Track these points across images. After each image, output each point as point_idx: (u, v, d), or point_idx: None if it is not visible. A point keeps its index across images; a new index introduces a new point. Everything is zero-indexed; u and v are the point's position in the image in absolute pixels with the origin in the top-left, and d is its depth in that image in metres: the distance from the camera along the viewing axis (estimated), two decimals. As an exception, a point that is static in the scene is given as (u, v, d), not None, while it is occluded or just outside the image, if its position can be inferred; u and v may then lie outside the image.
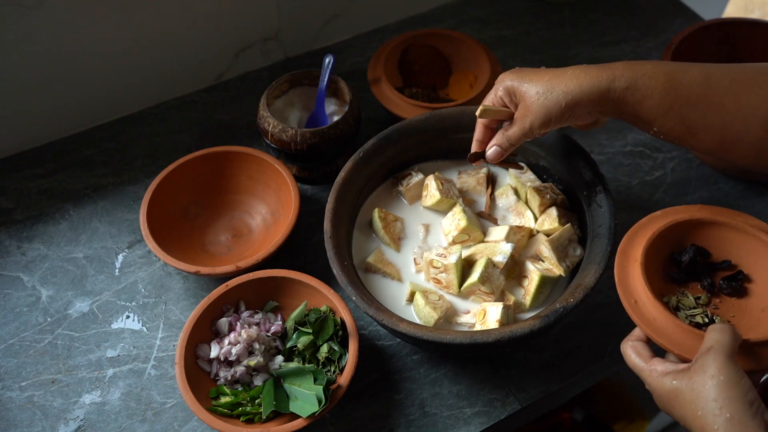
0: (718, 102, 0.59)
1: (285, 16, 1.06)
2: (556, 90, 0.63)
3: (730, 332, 0.54)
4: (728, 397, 0.50)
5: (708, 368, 0.52)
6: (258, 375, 0.74)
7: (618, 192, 0.94)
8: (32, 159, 0.99)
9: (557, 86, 0.63)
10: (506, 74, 0.68)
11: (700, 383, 0.52)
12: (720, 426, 0.50)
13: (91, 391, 0.78)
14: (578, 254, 0.76)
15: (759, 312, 0.63)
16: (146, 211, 0.83)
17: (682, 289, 0.66)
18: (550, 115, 0.64)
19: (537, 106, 0.65)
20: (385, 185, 0.85)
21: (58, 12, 0.87)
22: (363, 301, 0.68)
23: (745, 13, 1.42)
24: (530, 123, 0.66)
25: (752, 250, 0.65)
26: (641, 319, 0.61)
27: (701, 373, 0.52)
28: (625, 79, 0.61)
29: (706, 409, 0.51)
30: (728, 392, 0.50)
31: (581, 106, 0.63)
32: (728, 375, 0.51)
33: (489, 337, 0.64)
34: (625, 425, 1.35)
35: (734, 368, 0.52)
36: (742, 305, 0.65)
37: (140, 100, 1.05)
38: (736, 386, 0.51)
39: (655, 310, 0.60)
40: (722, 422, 0.50)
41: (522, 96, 0.66)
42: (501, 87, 0.68)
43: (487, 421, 0.75)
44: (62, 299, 0.85)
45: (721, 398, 0.50)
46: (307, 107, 0.95)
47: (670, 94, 0.60)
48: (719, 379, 0.51)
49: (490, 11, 1.20)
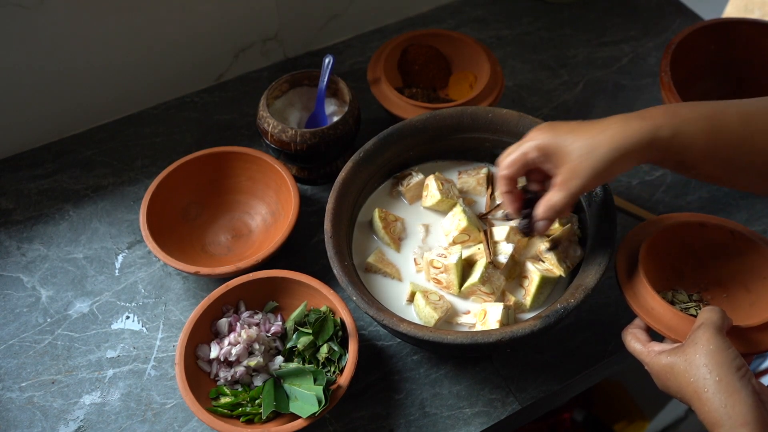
0: (761, 139, 0.59)
1: (285, 16, 1.05)
2: (601, 148, 0.59)
3: (718, 311, 0.59)
4: (717, 362, 0.55)
5: (698, 340, 0.57)
6: (258, 375, 0.74)
7: (618, 192, 0.94)
8: (32, 159, 0.99)
9: (602, 144, 0.59)
10: (538, 131, 0.63)
11: (691, 354, 0.56)
12: (710, 387, 0.54)
13: (91, 392, 0.78)
14: (578, 255, 0.76)
15: (748, 306, 0.69)
16: (146, 211, 0.83)
17: (676, 287, 0.72)
18: (597, 175, 0.60)
19: (583, 167, 0.60)
20: (385, 185, 0.85)
21: (57, 12, 0.87)
22: (363, 302, 0.68)
23: (745, 13, 1.42)
24: (578, 185, 0.61)
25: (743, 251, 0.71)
26: (641, 309, 0.66)
27: (692, 345, 0.57)
28: (668, 128, 0.59)
29: (698, 375, 0.55)
30: (717, 358, 0.55)
31: (626, 162, 0.60)
32: (716, 344, 0.56)
33: (489, 337, 0.64)
34: (625, 425, 1.35)
35: (722, 339, 0.56)
36: (732, 301, 0.70)
37: (140, 100, 1.04)
38: (724, 353, 0.55)
39: (653, 300, 0.66)
40: (712, 384, 0.54)
41: (564, 156, 0.60)
42: (533, 145, 0.62)
43: (487, 421, 0.75)
44: (62, 300, 0.85)
45: (711, 364, 0.55)
46: (307, 107, 0.95)
47: (712, 138, 0.59)
48: (708, 348, 0.56)
49: (489, 11, 1.20)
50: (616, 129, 0.60)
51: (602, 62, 1.12)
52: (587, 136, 0.60)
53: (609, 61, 1.12)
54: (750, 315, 0.67)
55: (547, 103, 1.06)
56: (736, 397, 0.53)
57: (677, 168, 0.63)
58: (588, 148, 0.59)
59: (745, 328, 0.63)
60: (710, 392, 0.54)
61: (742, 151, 0.60)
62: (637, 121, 0.60)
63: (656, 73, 1.10)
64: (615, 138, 0.59)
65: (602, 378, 0.88)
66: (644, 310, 0.66)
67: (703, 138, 0.59)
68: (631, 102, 1.06)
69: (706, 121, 0.59)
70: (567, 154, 0.61)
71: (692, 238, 0.73)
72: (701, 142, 0.59)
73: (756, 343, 0.63)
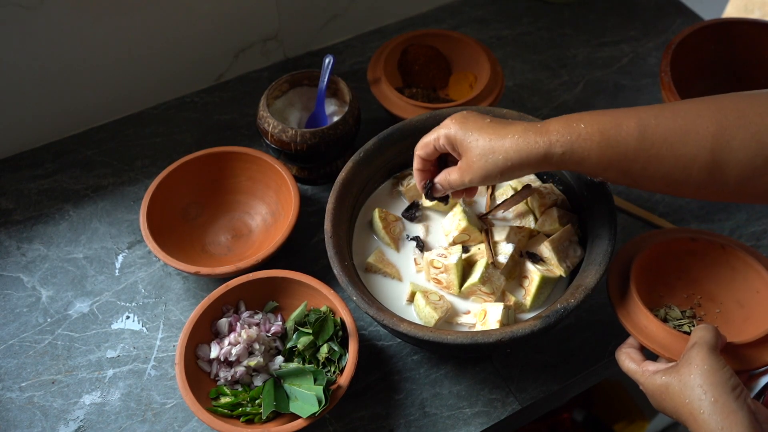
0: (656, 153, 0.58)
1: (285, 16, 1.06)
2: (496, 154, 0.63)
3: (712, 330, 0.59)
4: (712, 383, 0.54)
5: (693, 360, 0.57)
6: (258, 375, 0.74)
7: (618, 192, 0.94)
8: (32, 159, 0.99)
9: (498, 151, 0.63)
10: (452, 121, 0.68)
11: (686, 374, 0.56)
12: (706, 409, 0.54)
13: (91, 392, 0.78)
14: (579, 255, 0.76)
15: (741, 322, 0.69)
16: (146, 211, 0.83)
17: (669, 303, 0.71)
18: (488, 177, 0.65)
19: (477, 167, 0.65)
20: (385, 185, 0.85)
21: (57, 13, 0.87)
22: (364, 302, 0.68)
23: (745, 13, 1.42)
24: (470, 179, 0.67)
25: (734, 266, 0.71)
26: (634, 328, 0.66)
27: (687, 365, 0.57)
28: (561, 145, 0.61)
29: (693, 396, 0.55)
30: (712, 378, 0.55)
31: (518, 171, 0.64)
32: (711, 364, 0.55)
33: (489, 337, 0.64)
34: (625, 425, 1.35)
35: (716, 358, 0.56)
36: (726, 317, 0.70)
37: (140, 100, 1.04)
38: (719, 373, 0.55)
39: (645, 318, 0.66)
40: (707, 405, 0.54)
41: (465, 151, 0.66)
42: (443, 133, 0.68)
43: (487, 422, 0.75)
44: (62, 300, 0.85)
45: (706, 384, 0.55)
46: (307, 108, 0.95)
47: (607, 153, 0.60)
48: (703, 368, 0.55)
49: (489, 11, 1.20)
50: (513, 141, 0.63)
51: (602, 62, 1.12)
52: (488, 139, 0.64)
53: (609, 61, 1.12)
54: (743, 330, 0.67)
55: (547, 103, 1.06)
56: (733, 419, 0.52)
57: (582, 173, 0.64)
58: (485, 151, 0.64)
59: (738, 345, 0.63)
60: (706, 414, 0.54)
61: (638, 163, 0.59)
62: (533, 136, 0.62)
63: (656, 73, 1.10)
64: (510, 149, 0.63)
65: (602, 378, 0.88)
66: (637, 329, 0.66)
67: (597, 153, 0.60)
68: (631, 102, 1.06)
69: (599, 136, 0.60)
70: (468, 150, 0.65)
71: (683, 253, 0.73)
72: (595, 157, 0.60)
73: (750, 360, 0.63)
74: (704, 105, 0.59)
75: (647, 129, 0.59)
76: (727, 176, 0.57)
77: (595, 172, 0.62)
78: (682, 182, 0.59)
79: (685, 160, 0.58)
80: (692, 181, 0.59)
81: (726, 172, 0.57)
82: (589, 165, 0.61)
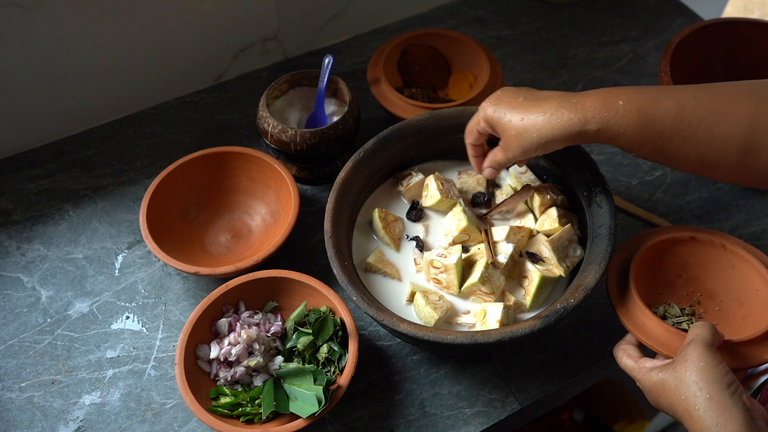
0: (692, 134, 0.59)
1: (285, 16, 1.06)
2: (530, 133, 0.65)
3: (709, 327, 0.59)
4: (707, 379, 0.55)
5: (689, 357, 0.57)
6: (258, 375, 0.74)
7: (618, 192, 0.94)
8: (32, 160, 0.99)
9: (530, 129, 0.65)
10: (488, 102, 0.70)
11: (682, 371, 0.57)
12: (701, 405, 0.54)
13: (91, 392, 0.78)
14: (578, 254, 0.76)
15: (740, 320, 0.69)
16: (146, 211, 0.83)
17: (668, 301, 0.71)
18: (527, 152, 0.68)
19: (515, 145, 0.67)
20: (385, 185, 0.85)
21: (57, 13, 0.87)
22: (363, 302, 0.68)
23: (745, 13, 1.42)
24: (512, 155, 0.69)
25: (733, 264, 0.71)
26: (632, 325, 0.66)
27: (683, 362, 0.57)
28: (597, 122, 0.62)
29: (689, 392, 0.55)
30: (707, 375, 0.55)
31: (555, 145, 0.66)
32: (707, 361, 0.56)
33: (489, 337, 0.64)
34: (625, 425, 1.35)
35: (712, 355, 0.56)
36: (725, 315, 0.70)
37: (140, 100, 1.04)
38: (714, 370, 0.55)
39: (644, 316, 0.66)
40: (703, 401, 0.54)
41: (502, 131, 0.68)
42: (482, 116, 0.70)
43: (487, 421, 0.75)
44: (62, 300, 0.85)
45: (701, 381, 0.55)
46: (307, 108, 0.95)
47: (643, 131, 0.61)
48: (699, 365, 0.56)
49: (489, 11, 1.20)
50: (546, 119, 0.64)
51: (602, 62, 1.12)
52: (520, 118, 0.66)
53: (609, 61, 1.12)
54: (742, 328, 0.67)
55: (546, 103, 1.06)
56: (727, 415, 0.53)
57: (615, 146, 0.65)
58: (519, 131, 0.66)
59: (736, 343, 0.63)
60: (701, 410, 0.54)
61: (673, 143, 0.60)
62: (567, 112, 0.63)
63: (656, 73, 1.10)
64: (543, 128, 0.64)
65: (602, 378, 0.88)
66: (636, 326, 0.66)
67: (633, 130, 0.61)
68: (630, 102, 1.06)
69: (637, 114, 0.60)
70: (505, 129, 0.68)
71: (683, 251, 0.73)
72: (631, 133, 0.61)
73: (749, 358, 0.63)
74: (742, 87, 0.60)
75: (685, 109, 0.59)
76: (759, 160, 0.58)
77: (630, 147, 0.63)
78: (715, 163, 0.60)
79: (720, 141, 0.58)
80: (725, 162, 0.59)
81: (759, 156, 0.58)
82: (623, 141, 0.62)
